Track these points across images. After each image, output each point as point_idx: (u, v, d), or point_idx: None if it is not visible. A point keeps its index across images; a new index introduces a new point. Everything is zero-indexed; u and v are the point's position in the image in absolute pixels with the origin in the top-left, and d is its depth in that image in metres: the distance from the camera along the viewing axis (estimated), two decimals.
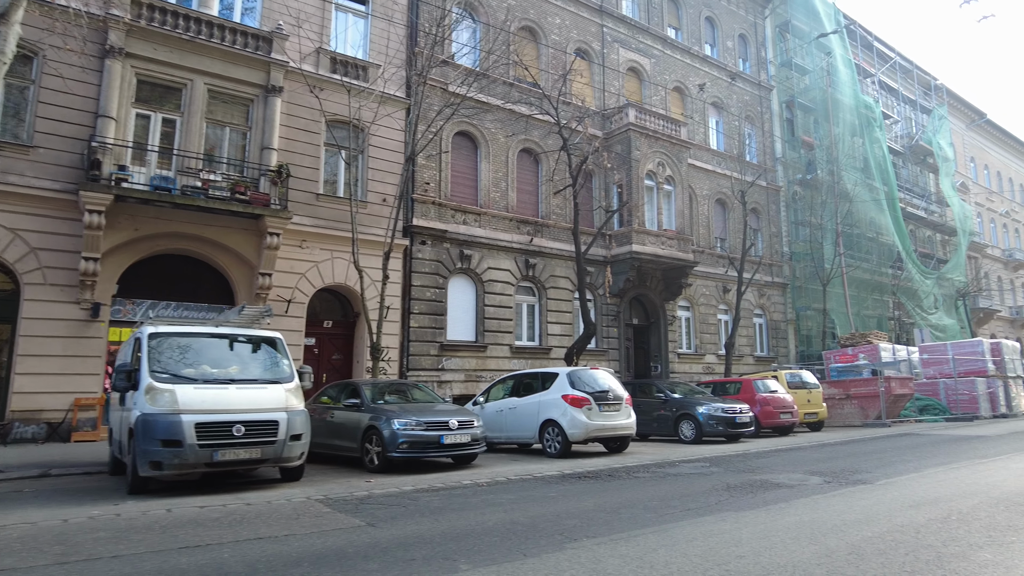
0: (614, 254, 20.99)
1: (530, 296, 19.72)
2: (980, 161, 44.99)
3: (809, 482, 7.27)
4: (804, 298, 27.06)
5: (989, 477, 7.54)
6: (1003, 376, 21.17)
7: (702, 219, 24.59)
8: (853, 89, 30.13)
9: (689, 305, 23.81)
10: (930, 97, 40.28)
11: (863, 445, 12.03)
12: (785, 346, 27.02)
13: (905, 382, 18.41)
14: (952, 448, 11.03)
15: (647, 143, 21.43)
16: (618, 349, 21.25)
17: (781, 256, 27.55)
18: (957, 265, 34.97)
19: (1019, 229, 47.54)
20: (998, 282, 42.85)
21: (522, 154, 20.12)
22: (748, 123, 27.69)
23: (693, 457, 10.16)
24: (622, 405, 10.89)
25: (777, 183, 27.98)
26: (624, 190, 21.14)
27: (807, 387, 16.37)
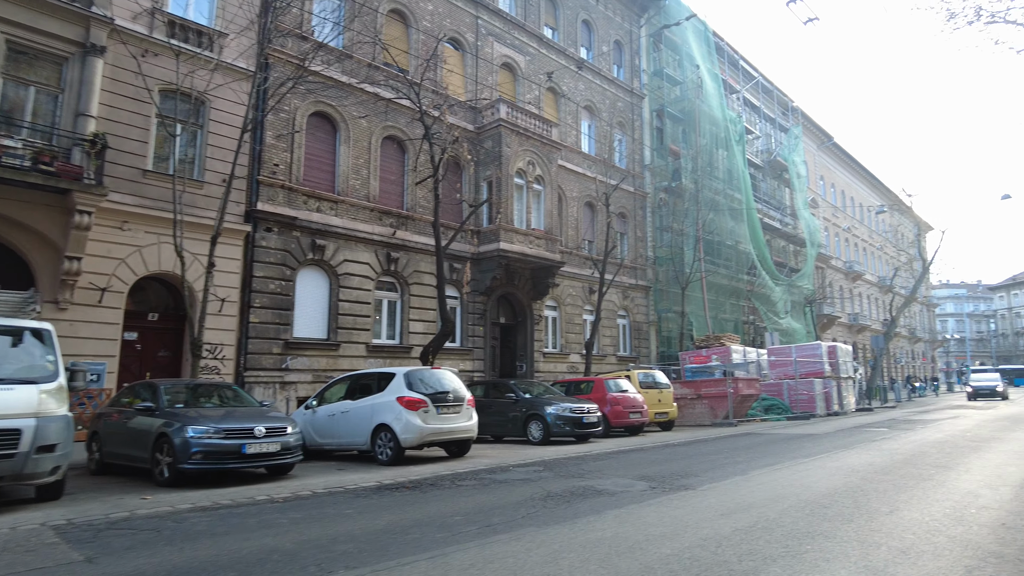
0: (482, 251, 20.51)
1: (391, 292, 18.79)
2: (828, 180, 49.00)
3: (633, 489, 6.99)
4: (666, 301, 27.95)
5: (805, 477, 7.61)
6: (837, 377, 22.79)
7: (571, 221, 24.68)
8: (719, 103, 31.58)
9: (556, 305, 23.80)
10: (787, 117, 43.28)
11: (703, 446, 12.19)
12: (647, 347, 27.78)
13: (752, 383, 19.28)
14: (782, 447, 11.37)
15: (518, 141, 21.12)
16: (483, 348, 20.78)
17: (646, 260, 28.29)
18: (806, 274, 37.74)
19: (858, 244, 52.30)
20: (840, 291, 46.85)
21: (387, 142, 19.15)
22: (619, 129, 28.22)
23: (531, 460, 9.76)
24: (463, 407, 10.30)
25: (645, 189, 28.73)
26: (494, 187, 20.73)
27: (659, 387, 16.64)
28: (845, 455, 9.83)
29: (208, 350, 14.70)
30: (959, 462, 9.09)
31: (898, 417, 20.23)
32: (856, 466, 8.52)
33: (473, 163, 20.28)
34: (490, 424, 13.76)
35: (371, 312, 17.88)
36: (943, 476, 7.79)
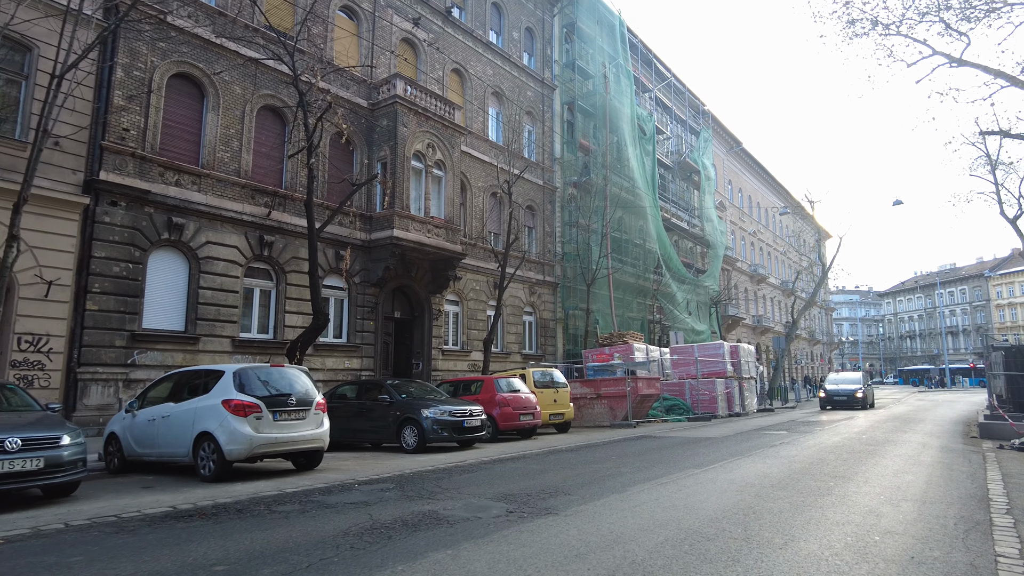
0: (373, 238, 18.84)
1: (265, 280, 16.82)
2: (736, 184, 50.04)
3: (485, 514, 5.69)
4: (574, 298, 27.12)
5: (692, 495, 6.55)
6: (739, 377, 22.55)
7: (476, 211, 23.34)
8: (631, 100, 31.10)
9: (458, 299, 22.40)
10: (698, 120, 43.71)
11: (592, 452, 11.12)
12: (553, 344, 26.85)
13: (652, 382, 18.57)
14: (676, 454, 10.44)
15: (416, 121, 19.56)
16: (374, 344, 19.10)
17: (554, 256, 27.36)
18: (712, 275, 38.07)
19: (763, 248, 53.82)
20: (745, 293, 47.89)
21: (265, 112, 17.15)
22: (529, 119, 27.16)
23: (386, 475, 8.31)
24: (310, 412, 8.70)
25: (554, 183, 27.81)
26: (388, 169, 19.10)
27: (556, 386, 15.56)
28: (741, 464, 8.94)
29: (29, 341, 12.47)
30: (857, 470, 8.36)
31: (797, 418, 20.11)
32: (751, 479, 7.58)
33: (354, 138, 18.58)
34: (362, 430, 12.20)
35: (239, 302, 15.88)
36: (842, 489, 6.94)
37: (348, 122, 15.15)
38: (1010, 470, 8.76)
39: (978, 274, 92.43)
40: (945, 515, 5.79)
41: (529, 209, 26.35)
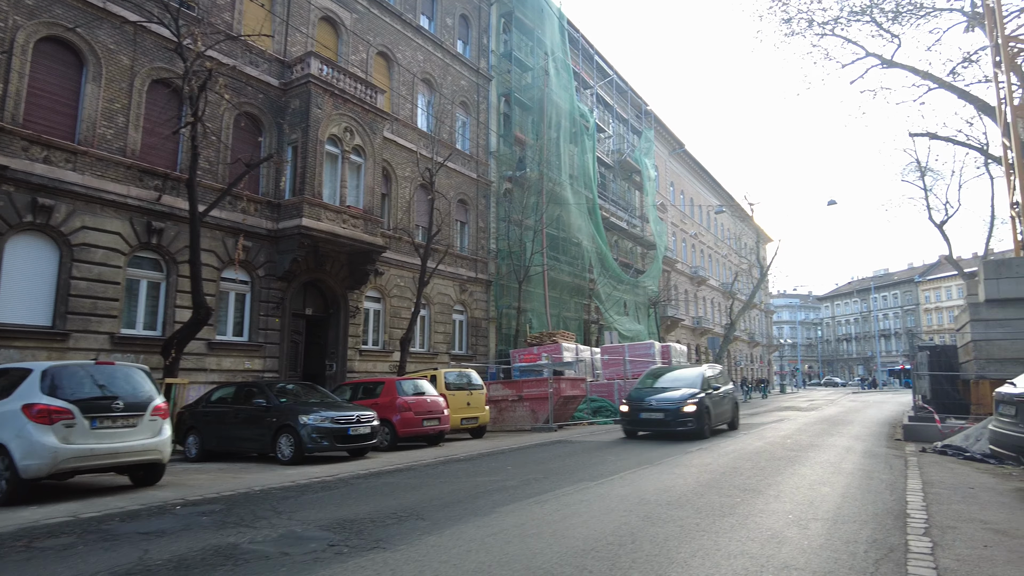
0: (280, 228, 17.40)
1: (153, 271, 15.22)
2: (678, 187, 50.05)
3: (297, 549, 4.56)
4: (507, 296, 26.12)
5: (567, 519, 5.56)
6: None
7: (402, 202, 22.06)
8: (570, 95, 30.34)
9: (380, 296, 21.07)
10: (641, 121, 43.41)
11: (491, 461, 10.07)
12: (485, 344, 25.77)
13: (577, 383, 17.69)
14: (580, 462, 9.49)
15: (332, 103, 18.19)
16: (280, 344, 17.63)
17: (487, 252, 26.30)
18: (651, 276, 37.70)
19: (703, 250, 54.06)
20: (684, 295, 47.88)
21: (158, 87, 15.52)
22: (463, 110, 26.04)
23: (229, 492, 7.08)
24: (143, 418, 7.36)
25: (489, 177, 26.76)
26: (299, 154, 17.69)
27: (470, 388, 14.46)
28: (645, 475, 8.03)
29: None
30: (771, 482, 7.54)
31: None
32: (649, 493, 6.64)
33: (262, 119, 17.08)
34: (241, 438, 10.84)
35: (121, 295, 14.23)
36: (748, 506, 6.06)
37: (216, 81, 13.32)
38: (931, 477, 8.10)
39: (909, 279, 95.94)
40: (857, 538, 4.94)
41: (462, 203, 25.23)
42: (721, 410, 14.29)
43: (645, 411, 13.13)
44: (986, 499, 6.66)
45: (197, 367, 15.53)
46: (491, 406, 17.40)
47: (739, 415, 16.28)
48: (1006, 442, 6.98)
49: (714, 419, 13.66)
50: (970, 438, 10.64)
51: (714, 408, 13.59)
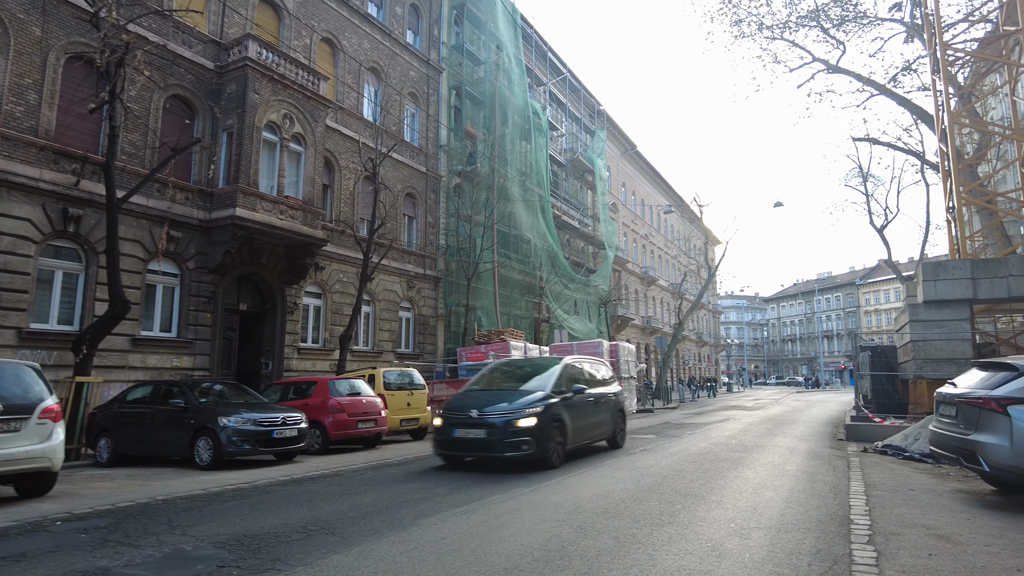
0: (213, 218, 16.45)
1: (70, 262, 14.15)
2: (629, 187, 50.31)
3: (177, 574, 3.93)
4: (457, 294, 25.55)
5: (493, 531, 5.12)
6: (618, 377, 21.73)
7: (346, 194, 21.27)
8: (523, 91, 29.96)
9: (321, 292, 20.25)
10: (594, 120, 43.39)
11: (423, 465, 9.51)
12: (433, 343, 25.16)
13: None
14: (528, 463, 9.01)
15: (271, 88, 17.32)
16: (212, 341, 16.69)
17: (436, 248, 25.68)
18: (602, 275, 37.67)
19: (654, 251, 54.54)
20: (635, 294, 48.16)
21: (76, 64, 14.41)
22: (413, 101, 25.35)
23: (127, 503, 6.39)
24: (29, 422, 6.59)
25: (439, 171, 26.14)
26: (234, 140, 16.78)
27: (412, 388, 13.89)
28: (584, 479, 7.66)
29: None
30: (714, 486, 7.25)
31: (673, 420, 19.48)
32: (585, 501, 6.25)
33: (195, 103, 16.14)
34: (159, 442, 10.04)
35: (30, 286, 13.14)
36: (689, 514, 5.73)
37: (135, 56, 12.34)
38: (872, 478, 7.97)
39: (850, 282, 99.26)
40: (800, 548, 4.64)
41: (410, 197, 24.55)
42: (589, 422, 10.03)
43: (462, 427, 8.85)
44: (927, 501, 6.52)
45: (119, 364, 14.53)
46: (435, 406, 16.84)
47: (625, 426, 11.80)
48: (945, 443, 6.86)
49: (574, 435, 9.40)
50: (908, 437, 10.66)
51: (575, 419, 9.39)
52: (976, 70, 20.07)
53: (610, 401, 11.14)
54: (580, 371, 10.76)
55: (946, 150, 16.01)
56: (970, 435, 6.37)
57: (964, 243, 15.16)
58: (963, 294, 13.60)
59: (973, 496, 6.94)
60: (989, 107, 23.51)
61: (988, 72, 18.61)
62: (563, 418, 9.16)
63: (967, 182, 16.02)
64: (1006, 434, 6.06)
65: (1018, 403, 6.10)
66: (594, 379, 11.03)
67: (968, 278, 13.59)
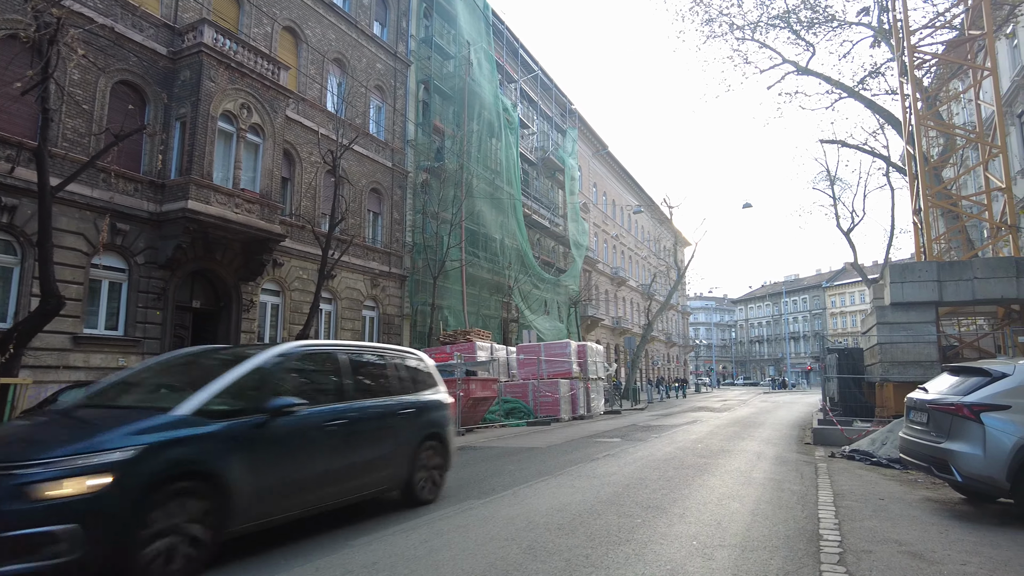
0: (164, 211, 15.67)
1: (6, 254, 13.34)
2: (601, 188, 50.18)
3: None
4: (423, 293, 24.98)
5: (433, 553, 4.68)
6: (585, 378, 21.44)
7: (306, 189, 20.57)
8: (493, 87, 29.50)
9: (279, 289, 19.54)
10: (565, 119, 43.12)
11: None
12: (399, 343, 24.53)
13: (488, 384, 16.84)
14: (476, 473, 8.64)
15: (228, 76, 16.59)
16: (161, 339, 15.90)
17: (403, 246, 25.08)
18: (572, 275, 37.40)
19: (624, 252, 54.53)
20: (605, 295, 48.04)
21: (12, 44, 13.52)
22: (379, 94, 24.71)
23: None
24: None
25: (406, 167, 25.54)
26: (187, 130, 16.02)
27: None
28: (542, 488, 7.24)
29: None
30: (677, 496, 6.89)
31: (639, 422, 19.21)
32: (539, 514, 5.83)
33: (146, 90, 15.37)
34: None
35: None
36: (649, 529, 5.34)
37: (66, 32, 11.47)
38: (841, 487, 7.70)
39: (817, 285, 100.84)
40: (767, 570, 4.28)
41: (375, 192, 23.91)
42: (323, 468, 5.37)
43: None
44: (897, 513, 6.23)
45: (58, 364, 13.73)
46: None
47: (447, 461, 7.29)
48: (916, 451, 6.59)
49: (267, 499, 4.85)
50: (876, 442, 10.47)
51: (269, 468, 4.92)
52: (941, 75, 20.21)
53: (404, 419, 6.51)
54: (328, 367, 6.05)
55: (913, 152, 15.98)
56: (942, 443, 6.10)
57: (930, 245, 15.13)
58: (929, 296, 13.52)
59: (943, 506, 6.69)
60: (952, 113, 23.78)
61: (953, 76, 18.71)
62: (221, 469, 4.53)
63: (933, 185, 16.02)
64: (979, 442, 5.80)
65: (991, 410, 5.84)
66: (369, 383, 6.47)
67: (934, 280, 13.51)
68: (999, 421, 5.75)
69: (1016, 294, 13.14)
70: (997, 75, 15.10)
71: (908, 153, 16.86)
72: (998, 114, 14.84)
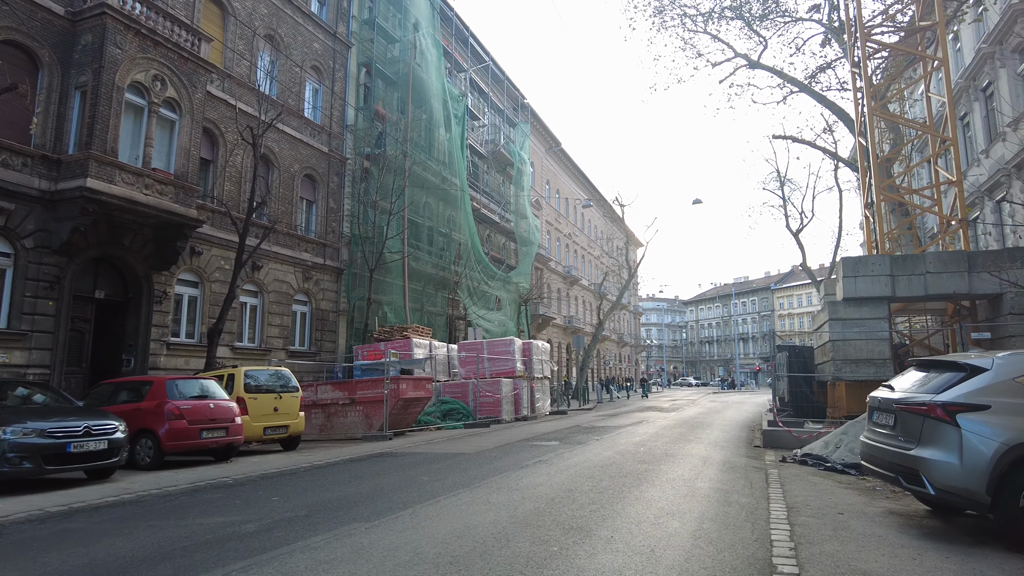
0: (60, 189, 13.99)
1: None
2: (554, 185, 49.41)
3: None
4: (361, 287, 23.54)
5: None
6: (530, 377, 20.42)
7: (232, 173, 18.99)
8: (440, 74, 28.25)
9: (198, 280, 17.92)
10: (518, 114, 42.14)
11: (270, 486, 7.78)
12: (333, 340, 23.09)
13: (421, 384, 15.64)
14: (384, 484, 7.48)
15: (138, 44, 14.98)
16: (55, 333, 14.19)
17: (340, 237, 23.62)
18: (523, 273, 36.41)
19: (577, 250, 53.92)
20: (557, 293, 47.27)
21: None
22: (316, 75, 23.21)
23: None
24: None
25: (345, 153, 24.09)
26: (88, 100, 14.36)
27: (279, 391, 11.99)
28: (451, 505, 6.14)
29: None
30: (608, 512, 5.89)
31: (584, 423, 18.30)
32: (430, 543, 4.72)
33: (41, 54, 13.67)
34: None
35: None
36: (565, 561, 4.30)
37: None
38: (795, 498, 6.84)
39: (766, 287, 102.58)
40: None
41: (309, 179, 22.41)
42: None
43: None
44: (860, 531, 5.36)
45: None
46: (319, 411, 14.98)
47: None
48: (881, 459, 5.73)
49: None
50: (829, 445, 9.73)
51: None
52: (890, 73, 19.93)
53: None
54: None
55: (865, 144, 15.49)
56: (911, 450, 5.24)
57: (883, 239, 14.63)
58: (882, 291, 12.96)
59: (909, 520, 5.86)
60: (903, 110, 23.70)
61: (902, 72, 18.39)
62: None
63: (884, 178, 15.56)
64: (954, 449, 4.95)
65: (968, 410, 5.00)
66: None
67: (887, 275, 12.96)
68: (977, 424, 4.92)
69: (968, 289, 12.69)
70: (948, 65, 14.72)
71: (860, 146, 16.39)
72: (949, 105, 14.43)
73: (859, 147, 16.61)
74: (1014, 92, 15.99)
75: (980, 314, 13.71)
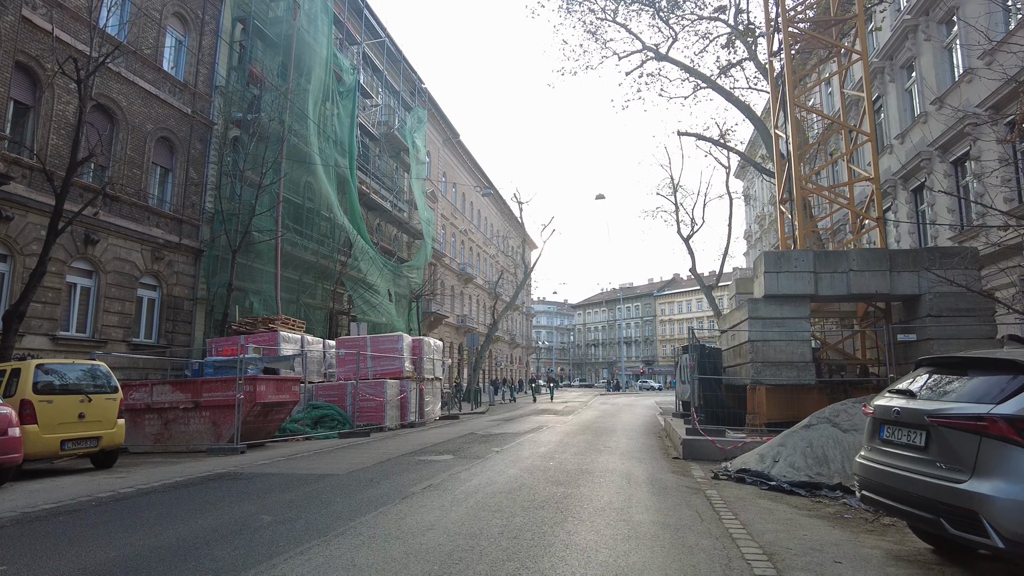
0: None
1: None
2: (451, 178, 47.29)
3: None
4: (225, 272, 20.33)
5: None
6: (419, 378, 18.26)
7: (61, 124, 15.45)
8: (328, 41, 25.43)
9: (8, 252, 14.34)
10: (415, 98, 39.75)
11: (28, 535, 5.26)
12: (188, 332, 19.73)
13: (285, 385, 13.09)
14: (215, 525, 5.19)
15: None
16: None
17: (201, 213, 20.31)
18: (416, 266, 34.05)
19: (472, 248, 52.10)
20: (451, 291, 45.20)
21: None
22: (179, 24, 19.84)
23: None
24: None
25: (212, 116, 20.80)
26: None
27: (93, 391, 9.18)
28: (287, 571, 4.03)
29: None
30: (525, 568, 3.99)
31: (479, 430, 16.41)
32: None
33: None
34: None
35: None
36: None
37: None
38: (764, 537, 5.30)
39: (649, 293, 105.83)
40: None
41: (165, 142, 19.03)
42: None
43: None
44: None
45: None
46: (155, 417, 12.10)
47: None
48: (908, 492, 4.17)
49: None
50: (766, 459, 8.43)
51: None
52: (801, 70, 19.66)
53: None
54: None
55: (784, 136, 14.72)
56: (962, 482, 3.73)
57: (802, 236, 13.85)
58: (805, 289, 12.06)
59: (922, 569, 4.42)
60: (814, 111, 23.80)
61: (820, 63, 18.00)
62: None
63: (802, 174, 14.86)
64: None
65: None
66: None
67: (810, 271, 12.07)
68: None
69: (889, 289, 12.02)
70: (867, 59, 14.20)
71: (776, 138, 15.66)
72: (867, 98, 13.89)
73: (775, 139, 15.90)
74: (940, 68, 15.60)
75: (895, 316, 13.20)
